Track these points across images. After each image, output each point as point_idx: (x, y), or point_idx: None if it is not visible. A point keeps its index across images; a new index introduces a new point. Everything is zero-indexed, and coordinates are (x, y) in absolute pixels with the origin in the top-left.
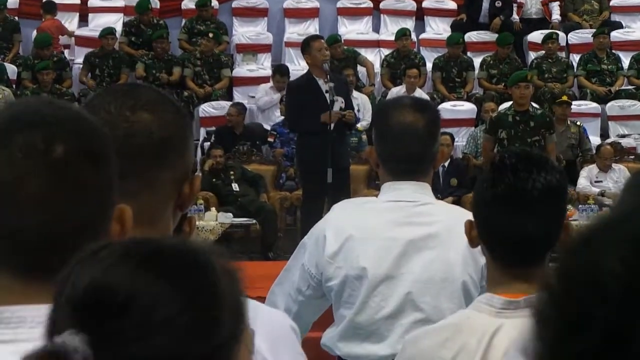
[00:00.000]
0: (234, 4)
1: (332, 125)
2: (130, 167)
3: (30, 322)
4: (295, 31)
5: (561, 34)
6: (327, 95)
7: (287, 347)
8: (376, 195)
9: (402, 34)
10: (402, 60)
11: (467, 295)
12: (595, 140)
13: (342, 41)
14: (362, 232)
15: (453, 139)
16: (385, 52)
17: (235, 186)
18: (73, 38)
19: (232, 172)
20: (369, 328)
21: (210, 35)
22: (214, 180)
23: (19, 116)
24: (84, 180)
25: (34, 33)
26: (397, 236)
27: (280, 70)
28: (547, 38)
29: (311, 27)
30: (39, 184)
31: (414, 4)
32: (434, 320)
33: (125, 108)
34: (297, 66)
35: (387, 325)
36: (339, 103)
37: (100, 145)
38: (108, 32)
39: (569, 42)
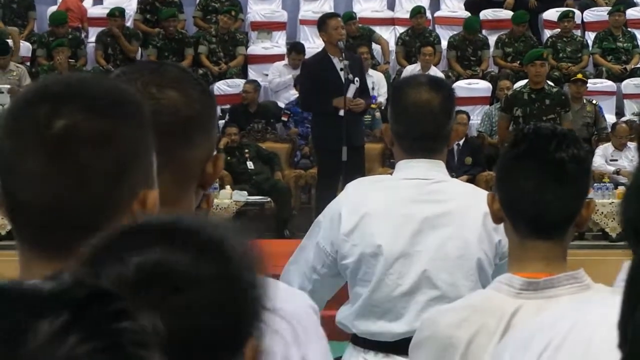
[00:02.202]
0: None
1: (343, 111)
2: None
3: None
4: (310, 9)
5: (576, 12)
6: (341, 73)
7: (308, 328)
8: (391, 174)
9: (417, 11)
10: (417, 38)
11: (481, 272)
12: (610, 118)
13: (357, 19)
14: (377, 209)
15: (468, 118)
16: (400, 30)
17: (249, 164)
18: (85, 15)
19: (246, 150)
20: (384, 306)
21: (233, 13)
22: (228, 158)
23: (41, 88)
24: (84, 160)
25: (49, 10)
26: (413, 213)
27: (296, 47)
28: (563, 16)
29: (326, 5)
30: (36, 159)
31: None
32: (450, 297)
33: (152, 85)
34: (312, 44)
35: (403, 302)
36: (355, 84)
37: (114, 126)
38: (113, 13)
39: (585, 20)
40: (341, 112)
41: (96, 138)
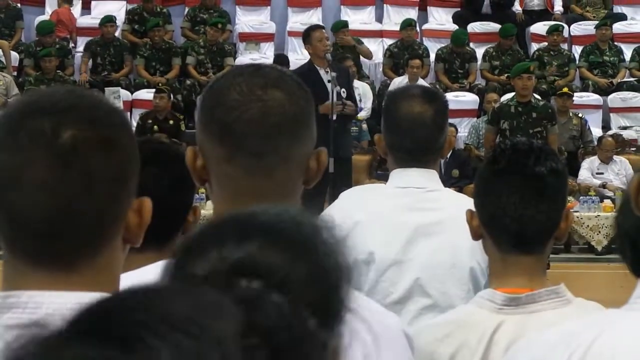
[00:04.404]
0: None
1: (334, 116)
2: (266, 145)
3: (46, 308)
4: (298, 20)
5: (564, 26)
6: (328, 85)
7: (395, 351)
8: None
9: (407, 24)
10: (405, 50)
11: (474, 281)
12: (596, 132)
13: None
14: (370, 217)
15: (456, 130)
16: (388, 42)
17: None
18: (75, 26)
19: None
20: None
21: (219, 25)
22: None
23: (33, 102)
24: (93, 168)
25: (37, 20)
26: (406, 221)
27: (279, 60)
28: (553, 30)
29: (314, 17)
30: (43, 170)
31: None
32: (442, 306)
33: (257, 87)
34: (300, 55)
35: (395, 311)
36: (341, 92)
37: (115, 135)
38: (107, 20)
39: (572, 33)
40: (333, 116)
41: (102, 146)
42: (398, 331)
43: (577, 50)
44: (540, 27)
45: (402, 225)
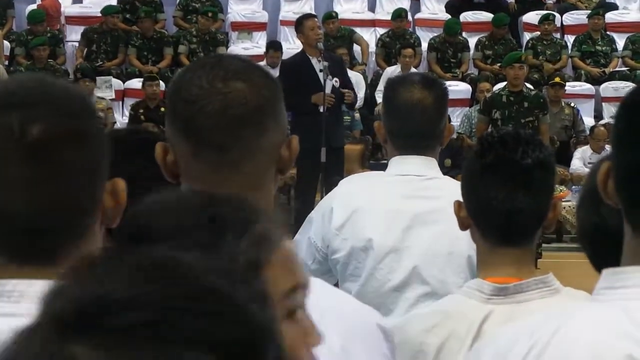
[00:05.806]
0: None
1: (325, 107)
2: (230, 138)
3: (32, 297)
4: (291, 10)
5: (556, 15)
6: (320, 74)
7: (366, 346)
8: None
9: (398, 15)
10: (397, 39)
11: (472, 269)
12: (589, 121)
13: (337, 18)
14: (369, 204)
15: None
16: (381, 31)
17: None
18: (64, 16)
19: None
20: (374, 301)
21: (210, 14)
22: None
23: (1, 96)
24: (68, 161)
25: (27, 9)
26: (404, 209)
27: (273, 45)
28: (544, 19)
29: (306, 6)
30: (17, 167)
31: None
32: (440, 294)
33: (217, 80)
34: (293, 44)
35: (393, 298)
36: (332, 82)
37: (87, 125)
38: (115, 10)
39: (564, 23)
40: (320, 109)
41: (74, 138)
42: (373, 325)
43: (569, 39)
44: (532, 17)
45: (401, 212)
